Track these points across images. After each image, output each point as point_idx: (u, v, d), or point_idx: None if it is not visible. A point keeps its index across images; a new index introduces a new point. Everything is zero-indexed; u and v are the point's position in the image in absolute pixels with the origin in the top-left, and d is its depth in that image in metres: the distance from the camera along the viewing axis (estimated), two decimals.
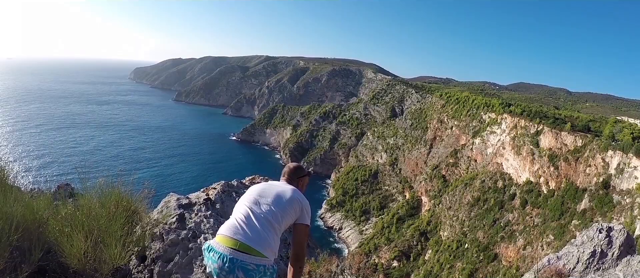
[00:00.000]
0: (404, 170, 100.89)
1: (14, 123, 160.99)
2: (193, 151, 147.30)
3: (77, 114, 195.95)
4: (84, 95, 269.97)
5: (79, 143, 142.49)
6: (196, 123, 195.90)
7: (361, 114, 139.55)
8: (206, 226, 5.96)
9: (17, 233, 4.39)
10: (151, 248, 5.57)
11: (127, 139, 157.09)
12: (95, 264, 4.70)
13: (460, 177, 79.13)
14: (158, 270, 5.28)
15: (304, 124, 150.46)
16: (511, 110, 77.39)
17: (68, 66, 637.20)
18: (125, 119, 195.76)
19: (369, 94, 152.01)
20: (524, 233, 52.88)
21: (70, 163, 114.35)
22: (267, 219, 3.53)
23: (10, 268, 4.33)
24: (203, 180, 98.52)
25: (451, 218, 68.70)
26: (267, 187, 3.88)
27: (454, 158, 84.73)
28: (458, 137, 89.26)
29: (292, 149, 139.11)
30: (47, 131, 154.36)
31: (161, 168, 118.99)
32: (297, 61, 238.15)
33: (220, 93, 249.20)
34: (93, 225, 4.87)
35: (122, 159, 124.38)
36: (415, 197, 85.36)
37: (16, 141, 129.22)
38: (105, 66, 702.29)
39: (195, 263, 5.30)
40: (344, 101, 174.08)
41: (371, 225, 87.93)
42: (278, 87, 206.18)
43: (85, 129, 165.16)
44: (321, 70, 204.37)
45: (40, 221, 4.98)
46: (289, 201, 3.74)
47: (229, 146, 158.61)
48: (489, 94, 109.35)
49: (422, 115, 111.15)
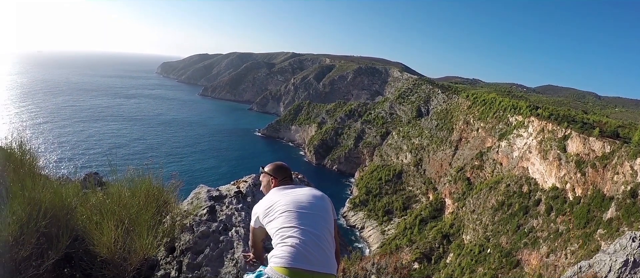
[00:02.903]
0: (429, 171, 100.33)
1: (43, 115, 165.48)
2: (219, 147, 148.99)
3: (105, 107, 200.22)
4: (111, 88, 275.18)
5: (106, 136, 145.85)
6: (222, 118, 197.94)
7: (387, 113, 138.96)
8: (237, 219, 5.97)
9: (45, 219, 4.40)
10: (180, 240, 5.59)
11: (154, 133, 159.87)
12: (125, 253, 4.72)
13: (485, 180, 78.31)
14: (188, 261, 5.29)
15: (329, 122, 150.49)
16: (538, 113, 76.15)
17: (96, 60, 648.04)
18: (152, 113, 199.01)
19: (395, 93, 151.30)
20: (548, 240, 52.11)
21: (97, 154, 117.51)
22: (325, 238, 3.30)
23: (37, 254, 4.37)
24: (230, 176, 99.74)
25: (474, 222, 68.15)
26: (303, 198, 3.55)
27: (480, 161, 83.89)
28: (484, 139, 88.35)
29: (317, 147, 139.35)
30: (75, 124, 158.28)
31: (188, 162, 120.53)
32: (323, 59, 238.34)
33: (246, 89, 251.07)
34: (124, 214, 4.90)
35: (149, 153, 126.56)
36: (439, 199, 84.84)
37: (45, 132, 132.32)
38: (133, 61, 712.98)
39: (226, 256, 5.30)
40: (370, 99, 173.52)
41: (393, 225, 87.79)
42: (304, 84, 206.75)
43: (112, 123, 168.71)
44: (347, 68, 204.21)
45: (69, 209, 5.01)
46: (328, 207, 3.60)
47: (254, 142, 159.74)
48: (516, 96, 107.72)
49: (448, 116, 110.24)
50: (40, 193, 4.65)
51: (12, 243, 4.15)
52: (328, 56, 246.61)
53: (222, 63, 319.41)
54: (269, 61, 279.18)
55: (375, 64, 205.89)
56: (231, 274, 5.07)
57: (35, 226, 4.30)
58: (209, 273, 5.10)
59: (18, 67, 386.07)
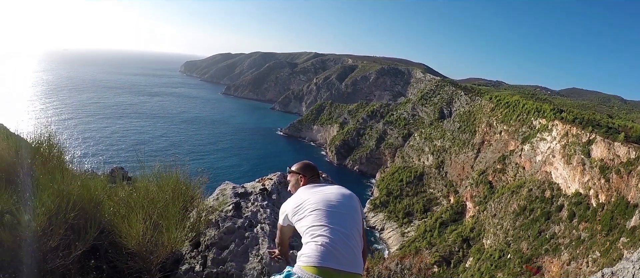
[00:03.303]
0: (450, 174, 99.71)
1: (68, 111, 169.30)
2: (241, 145, 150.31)
3: (129, 105, 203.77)
4: (135, 86, 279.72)
5: (130, 133, 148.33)
6: (245, 117, 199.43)
7: (409, 114, 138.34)
8: (263, 216, 6.01)
9: (73, 211, 4.45)
10: (206, 235, 5.62)
11: (177, 131, 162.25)
12: (152, 246, 4.77)
13: (507, 184, 77.55)
14: (212, 256, 5.32)
15: (351, 122, 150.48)
16: (563, 117, 74.99)
17: (121, 58, 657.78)
18: (175, 111, 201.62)
19: (418, 94, 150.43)
20: (569, 247, 51.42)
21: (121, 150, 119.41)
22: (354, 237, 3.27)
23: (64, 245, 4.40)
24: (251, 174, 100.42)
25: (495, 226, 67.55)
26: (332, 196, 3.52)
27: (502, 164, 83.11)
28: (507, 142, 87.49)
29: (338, 147, 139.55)
30: (99, 120, 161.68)
31: (210, 160, 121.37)
32: (345, 59, 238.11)
33: (269, 88, 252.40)
34: (152, 208, 4.95)
35: (172, 150, 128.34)
36: (460, 202, 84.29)
37: (69, 127, 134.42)
38: (157, 59, 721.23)
39: (250, 253, 5.33)
40: (392, 100, 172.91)
41: (413, 227, 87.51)
42: (326, 84, 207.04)
43: (136, 120, 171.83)
44: (370, 68, 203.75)
45: (96, 201, 5.08)
46: (357, 206, 3.56)
47: (276, 141, 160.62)
48: (540, 99, 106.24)
49: (470, 118, 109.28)
50: (69, 185, 4.75)
51: (41, 234, 4.23)
52: (350, 56, 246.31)
53: (245, 62, 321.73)
54: (292, 60, 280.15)
55: (398, 64, 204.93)
56: (256, 270, 5.12)
57: (64, 218, 4.38)
58: (234, 269, 5.14)
59: (44, 64, 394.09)
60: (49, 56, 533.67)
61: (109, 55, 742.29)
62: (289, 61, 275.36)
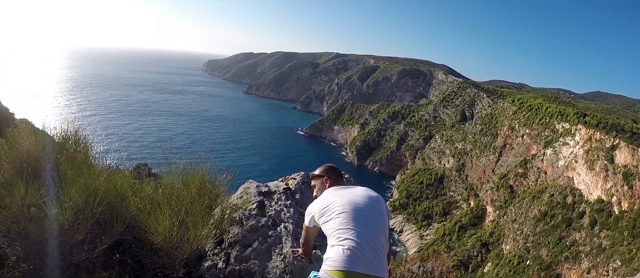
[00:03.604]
0: (471, 177, 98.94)
1: (91, 107, 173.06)
2: (262, 144, 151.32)
3: (151, 102, 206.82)
4: (158, 84, 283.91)
5: (152, 130, 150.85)
6: (266, 116, 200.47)
7: (430, 116, 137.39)
8: (286, 215, 6.01)
9: (100, 206, 4.51)
10: (229, 232, 5.65)
11: (199, 129, 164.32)
12: (178, 243, 4.82)
13: (528, 189, 76.69)
14: (236, 254, 5.36)
15: (372, 123, 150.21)
16: (586, 121, 73.84)
17: (144, 57, 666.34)
18: (197, 109, 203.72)
19: (439, 96, 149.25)
20: (590, 255, 50.74)
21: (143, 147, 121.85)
22: (380, 240, 3.28)
23: (90, 239, 4.46)
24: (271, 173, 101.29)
25: (515, 232, 66.86)
26: (359, 199, 3.50)
27: (523, 168, 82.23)
28: (529, 146, 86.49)
29: (359, 148, 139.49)
30: (122, 117, 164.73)
31: (231, 158, 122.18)
32: (367, 59, 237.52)
33: (290, 88, 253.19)
34: (179, 205, 5.00)
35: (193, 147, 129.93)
36: (480, 206, 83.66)
37: (92, 123, 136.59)
38: (180, 58, 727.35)
39: (274, 251, 5.35)
40: (414, 101, 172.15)
41: (432, 230, 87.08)
42: (347, 85, 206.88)
43: (158, 117, 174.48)
44: (391, 69, 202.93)
45: (122, 197, 5.12)
46: (383, 209, 3.56)
47: (297, 141, 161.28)
48: (564, 103, 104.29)
49: (492, 121, 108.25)
50: (96, 181, 4.83)
51: (67, 228, 4.29)
52: (372, 56, 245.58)
53: (267, 62, 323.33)
54: (313, 60, 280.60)
55: (420, 66, 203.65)
56: (278, 268, 5.14)
57: (91, 212, 4.45)
58: (257, 267, 5.19)
59: (68, 62, 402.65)
60: (73, 54, 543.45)
61: (132, 53, 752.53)
62: (310, 61, 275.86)
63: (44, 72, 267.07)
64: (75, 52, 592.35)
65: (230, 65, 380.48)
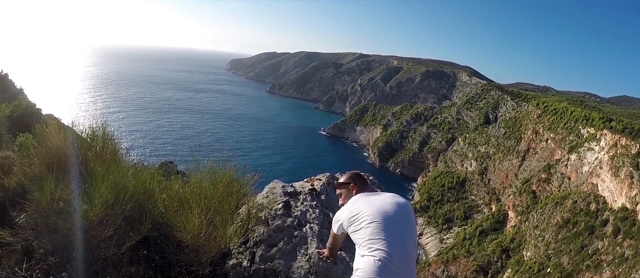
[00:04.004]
0: (493, 181, 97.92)
1: (116, 104, 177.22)
2: (285, 143, 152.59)
3: (176, 100, 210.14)
4: (182, 82, 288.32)
5: (175, 127, 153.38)
6: (289, 115, 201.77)
7: (453, 118, 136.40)
8: (312, 216, 5.97)
9: (130, 203, 4.59)
10: (254, 231, 5.64)
11: (222, 127, 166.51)
12: (206, 241, 4.85)
13: (551, 195, 75.58)
14: (261, 253, 5.36)
15: (394, 125, 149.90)
16: (612, 126, 72.39)
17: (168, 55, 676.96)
18: (221, 107, 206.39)
19: (463, 98, 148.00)
20: (612, 264, 49.84)
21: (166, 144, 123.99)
22: (410, 249, 3.30)
23: (119, 235, 4.54)
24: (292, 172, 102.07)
25: (536, 238, 65.93)
26: (388, 207, 3.47)
27: (547, 174, 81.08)
28: (553, 151, 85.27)
29: (381, 149, 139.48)
30: (146, 114, 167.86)
31: (255, 157, 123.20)
32: (390, 60, 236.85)
33: (313, 88, 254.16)
34: (208, 204, 5.04)
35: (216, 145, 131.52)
36: (502, 211, 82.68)
37: (117, 120, 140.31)
38: (204, 57, 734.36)
39: (299, 251, 5.32)
40: (437, 103, 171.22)
41: (453, 234, 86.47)
42: (370, 85, 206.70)
43: (182, 115, 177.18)
44: (415, 70, 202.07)
45: (150, 194, 5.21)
46: (412, 216, 3.57)
47: (319, 141, 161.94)
48: (589, 107, 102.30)
49: (516, 124, 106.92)
50: (125, 178, 4.94)
51: (97, 223, 4.40)
52: (395, 57, 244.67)
53: (290, 61, 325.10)
54: (337, 61, 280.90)
55: (444, 67, 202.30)
56: (303, 269, 5.10)
57: (121, 209, 4.53)
58: (282, 266, 5.18)
59: (93, 60, 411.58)
60: (99, 52, 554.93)
61: (157, 52, 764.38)
62: (333, 61, 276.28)
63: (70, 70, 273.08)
64: (101, 50, 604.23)
65: (254, 64, 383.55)
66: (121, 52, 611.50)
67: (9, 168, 6.43)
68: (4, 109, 17.17)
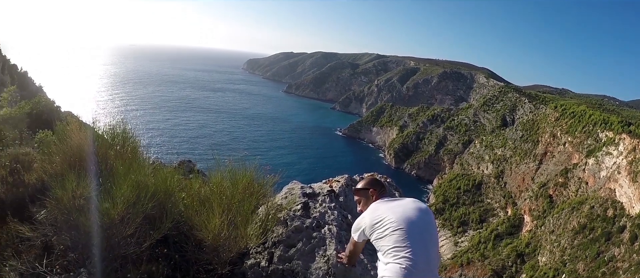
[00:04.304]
0: (509, 184, 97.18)
1: (133, 102, 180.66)
2: (301, 143, 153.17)
3: (192, 99, 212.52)
4: (199, 82, 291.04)
5: (192, 126, 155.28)
6: (305, 115, 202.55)
7: (470, 120, 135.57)
8: (330, 217, 5.94)
9: (151, 202, 4.61)
10: (272, 232, 5.64)
11: (238, 126, 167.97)
12: (226, 241, 4.87)
13: (568, 199, 74.81)
14: (279, 254, 5.37)
15: (411, 126, 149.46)
16: (631, 130, 71.36)
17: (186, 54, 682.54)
18: (237, 107, 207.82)
19: (480, 100, 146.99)
20: (628, 272, 49.26)
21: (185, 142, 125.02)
22: (434, 257, 3.35)
23: (139, 233, 4.59)
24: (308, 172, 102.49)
25: (552, 243, 65.33)
26: (411, 213, 3.49)
27: (564, 178, 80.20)
28: (570, 155, 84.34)
29: (397, 150, 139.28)
30: (163, 112, 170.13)
31: (270, 157, 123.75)
32: (407, 61, 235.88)
33: (330, 88, 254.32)
34: (229, 204, 5.03)
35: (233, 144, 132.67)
36: (518, 215, 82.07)
37: (134, 118, 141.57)
38: (221, 56, 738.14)
39: (317, 253, 5.32)
40: (453, 105, 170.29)
41: (467, 237, 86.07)
42: (387, 86, 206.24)
43: (198, 114, 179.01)
44: (432, 72, 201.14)
45: (171, 193, 5.22)
46: (434, 222, 3.60)
47: (335, 141, 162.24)
48: (608, 110, 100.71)
49: (533, 127, 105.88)
50: (146, 177, 4.95)
51: (118, 221, 4.45)
52: (412, 58, 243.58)
53: (307, 62, 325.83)
54: (353, 61, 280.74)
55: (461, 68, 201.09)
56: (322, 270, 5.08)
57: (142, 208, 4.56)
58: (300, 267, 5.17)
59: (111, 58, 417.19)
60: (117, 51, 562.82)
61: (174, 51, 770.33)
62: (350, 62, 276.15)
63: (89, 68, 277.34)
64: (119, 49, 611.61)
65: (271, 64, 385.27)
66: (139, 52, 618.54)
67: (29, 165, 6.60)
68: (23, 106, 17.43)
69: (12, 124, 13.03)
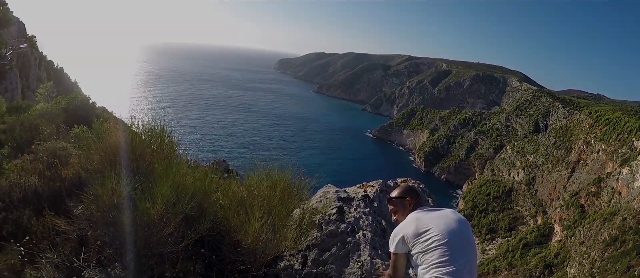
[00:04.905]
0: (540, 192, 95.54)
1: (166, 99, 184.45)
2: (332, 145, 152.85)
3: (224, 97, 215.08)
4: (231, 80, 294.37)
5: (225, 124, 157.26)
6: (335, 116, 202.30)
7: (502, 125, 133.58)
8: (365, 222, 5.96)
9: (190, 203, 4.68)
10: (307, 235, 5.67)
11: (268, 125, 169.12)
12: (265, 244, 4.93)
13: (600, 210, 73.27)
14: (313, 257, 5.41)
15: (441, 129, 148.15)
16: None
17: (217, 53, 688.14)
18: (268, 106, 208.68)
19: (512, 104, 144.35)
20: None
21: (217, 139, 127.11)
22: (474, 270, 3.29)
23: (178, 233, 4.68)
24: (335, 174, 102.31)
25: (582, 255, 64.10)
26: (454, 225, 3.41)
27: (596, 187, 78.42)
28: (604, 163, 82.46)
29: (427, 154, 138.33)
30: (195, 110, 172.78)
31: (301, 157, 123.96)
32: (439, 63, 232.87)
33: (361, 89, 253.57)
34: (269, 207, 5.06)
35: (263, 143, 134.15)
36: (548, 224, 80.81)
37: (167, 115, 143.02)
38: (253, 56, 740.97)
39: (351, 258, 5.33)
40: (485, 109, 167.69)
41: (495, 245, 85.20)
42: (418, 88, 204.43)
43: (230, 112, 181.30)
44: (464, 74, 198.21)
45: (209, 194, 5.32)
46: (472, 234, 3.55)
47: (365, 143, 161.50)
48: None
49: (567, 133, 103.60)
50: (185, 177, 5.02)
51: (157, 221, 4.52)
52: (444, 60, 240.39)
53: (338, 62, 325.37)
54: (385, 62, 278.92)
55: (493, 71, 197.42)
56: (355, 275, 5.09)
57: (181, 208, 4.63)
58: (334, 271, 5.17)
59: (146, 56, 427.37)
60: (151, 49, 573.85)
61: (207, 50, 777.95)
62: (382, 63, 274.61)
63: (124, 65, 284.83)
64: (154, 48, 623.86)
65: (302, 64, 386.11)
66: (173, 50, 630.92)
67: (66, 159, 6.93)
68: (60, 101, 18.32)
69: (49, 118, 13.99)
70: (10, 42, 38.79)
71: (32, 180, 6.41)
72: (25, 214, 5.47)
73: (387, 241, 4.04)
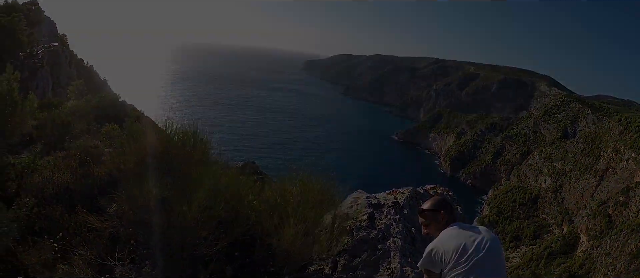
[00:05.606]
0: (567, 200, 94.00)
1: (193, 98, 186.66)
2: (357, 147, 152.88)
3: (251, 97, 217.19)
4: (258, 81, 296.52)
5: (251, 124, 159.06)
6: (362, 118, 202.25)
7: (530, 130, 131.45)
8: (395, 230, 5.95)
9: (226, 208, 4.81)
10: (338, 241, 5.68)
11: (295, 126, 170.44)
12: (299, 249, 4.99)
13: (628, 220, 71.90)
14: (344, 263, 5.41)
15: (468, 133, 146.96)
16: None
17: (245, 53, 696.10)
18: (294, 107, 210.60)
19: (541, 109, 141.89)
20: None
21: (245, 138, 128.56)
22: None
23: (213, 236, 4.75)
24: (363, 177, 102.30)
25: (607, 266, 63.07)
26: (492, 244, 3.28)
27: (625, 197, 76.82)
28: (633, 172, 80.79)
29: (453, 158, 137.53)
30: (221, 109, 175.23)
31: (326, 160, 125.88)
32: (466, 66, 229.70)
33: (387, 92, 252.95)
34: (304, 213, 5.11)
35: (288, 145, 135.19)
36: (573, 233, 79.62)
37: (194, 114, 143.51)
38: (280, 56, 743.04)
39: (381, 265, 5.34)
40: (513, 113, 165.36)
41: (519, 253, 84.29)
42: (445, 92, 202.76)
43: (257, 112, 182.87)
44: (491, 78, 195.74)
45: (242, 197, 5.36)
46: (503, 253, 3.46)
47: (391, 146, 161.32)
48: None
49: (595, 140, 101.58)
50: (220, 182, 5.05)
51: (193, 224, 4.60)
52: (472, 63, 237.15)
53: (365, 64, 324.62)
54: (411, 65, 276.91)
55: (522, 76, 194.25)
56: None
57: (217, 213, 4.74)
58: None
59: (173, 56, 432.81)
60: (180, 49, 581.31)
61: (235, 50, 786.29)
62: (408, 66, 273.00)
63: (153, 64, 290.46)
64: (183, 48, 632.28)
65: (329, 66, 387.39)
66: (201, 49, 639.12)
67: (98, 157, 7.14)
68: (90, 99, 19.07)
69: (80, 116, 14.63)
70: (41, 40, 40.44)
71: (64, 176, 6.52)
72: (58, 210, 5.47)
73: (417, 249, 4.22)
